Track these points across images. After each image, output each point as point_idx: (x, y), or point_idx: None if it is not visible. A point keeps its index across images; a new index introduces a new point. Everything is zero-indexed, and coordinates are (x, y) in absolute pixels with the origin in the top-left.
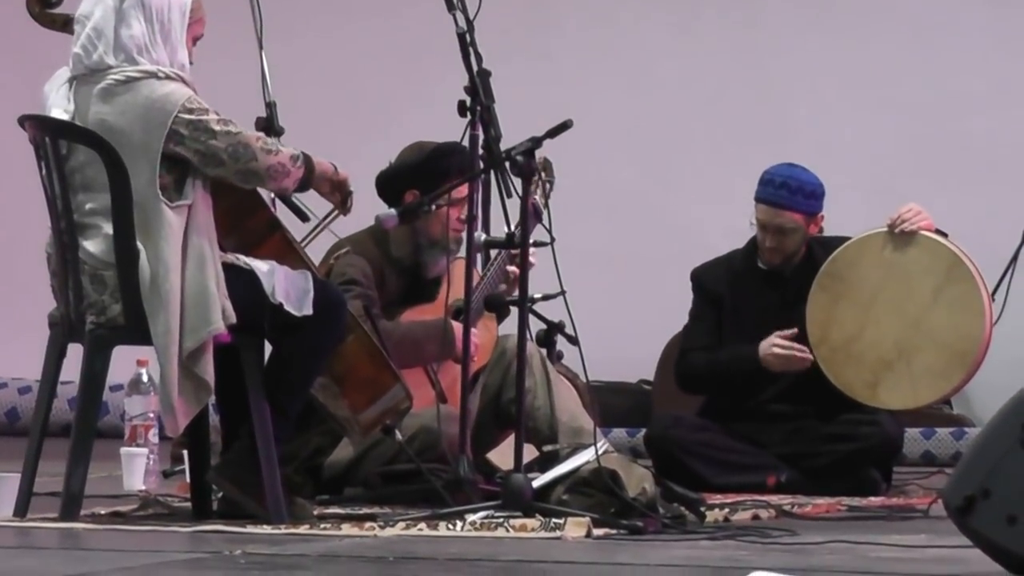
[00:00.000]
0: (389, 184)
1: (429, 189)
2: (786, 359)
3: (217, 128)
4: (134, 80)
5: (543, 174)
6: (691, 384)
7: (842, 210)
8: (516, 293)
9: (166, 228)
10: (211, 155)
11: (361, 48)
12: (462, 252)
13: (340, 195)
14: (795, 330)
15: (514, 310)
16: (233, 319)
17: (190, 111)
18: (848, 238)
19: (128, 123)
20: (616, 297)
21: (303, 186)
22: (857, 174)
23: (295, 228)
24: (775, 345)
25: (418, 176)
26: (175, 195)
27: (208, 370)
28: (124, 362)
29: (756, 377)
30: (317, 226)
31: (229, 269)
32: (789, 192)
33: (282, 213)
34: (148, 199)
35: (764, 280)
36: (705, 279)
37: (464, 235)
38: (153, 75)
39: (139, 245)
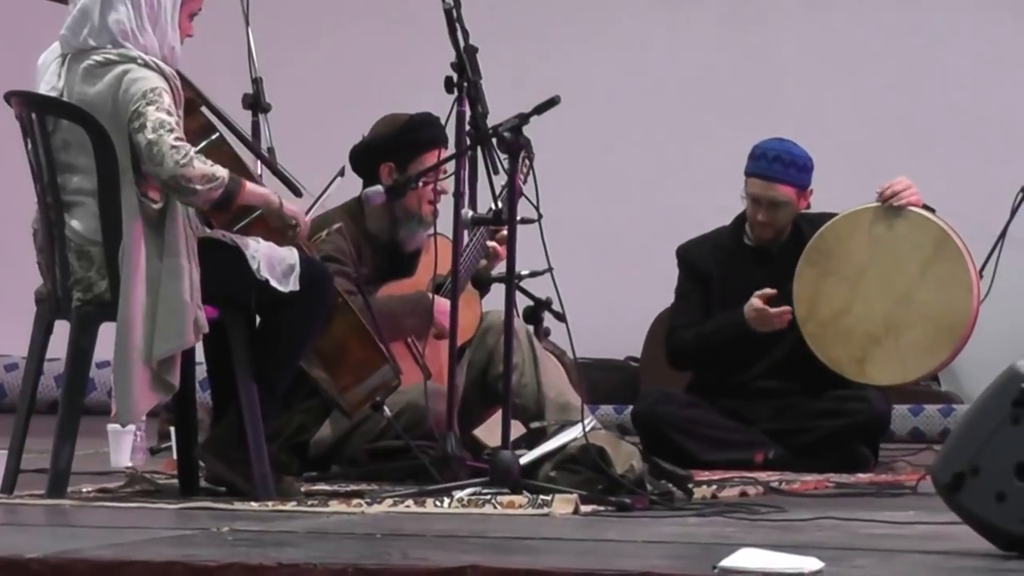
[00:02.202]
0: (363, 158)
1: (404, 162)
2: (764, 319)
3: (150, 124)
4: (113, 63)
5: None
6: (682, 360)
7: (829, 186)
8: (502, 269)
9: (136, 220)
10: (136, 147)
11: (348, 24)
12: (440, 228)
13: (280, 228)
14: (773, 291)
15: (499, 287)
16: (206, 329)
17: (149, 102)
18: (835, 214)
19: (101, 104)
20: (603, 274)
21: (223, 207)
22: (845, 150)
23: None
24: (753, 309)
25: (392, 149)
26: (149, 196)
27: (175, 376)
28: (111, 338)
29: (744, 344)
30: (315, 202)
31: (216, 246)
32: (782, 165)
33: (275, 189)
34: (124, 185)
35: (751, 256)
36: (691, 256)
37: (443, 209)
38: (133, 60)
39: None
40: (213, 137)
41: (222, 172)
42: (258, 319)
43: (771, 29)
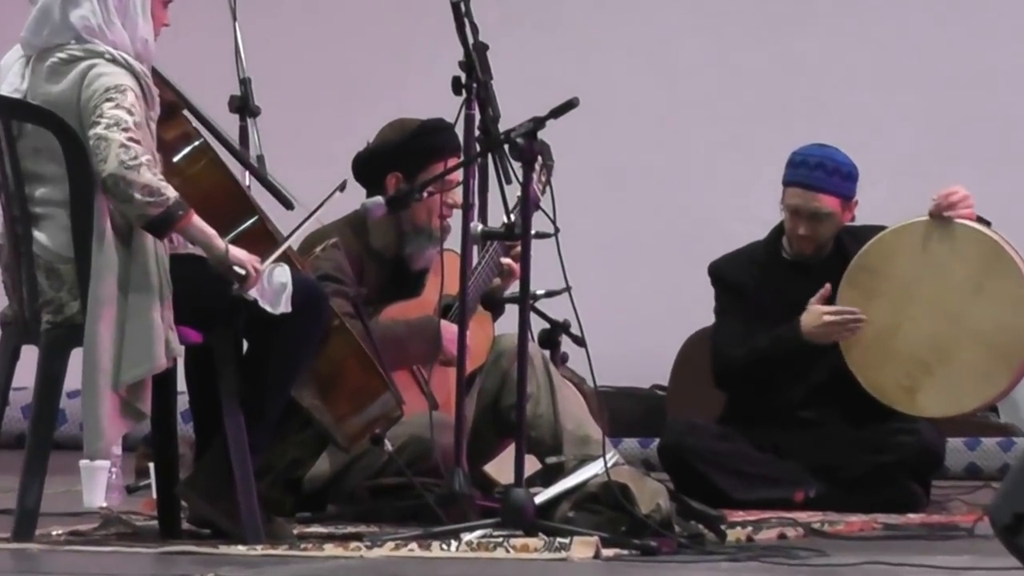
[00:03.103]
0: (368, 167)
1: (413, 172)
2: (840, 325)
3: (104, 120)
4: (77, 60)
5: (541, 157)
6: (732, 380)
7: (873, 196)
8: (515, 289)
9: (106, 233)
10: (87, 144)
11: (346, 19)
12: (449, 243)
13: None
14: (827, 287)
15: (513, 308)
16: (180, 352)
17: (109, 99)
18: (882, 227)
19: (66, 104)
20: (627, 293)
21: (156, 229)
22: (889, 157)
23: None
24: (825, 313)
25: (401, 157)
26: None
27: (147, 403)
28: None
29: (801, 358)
30: (308, 216)
31: (200, 263)
32: (825, 173)
33: (264, 202)
34: (97, 195)
35: (790, 272)
36: (725, 272)
37: (453, 223)
38: (100, 55)
39: None
40: (196, 144)
41: (170, 192)
42: (245, 343)
43: (807, 27)
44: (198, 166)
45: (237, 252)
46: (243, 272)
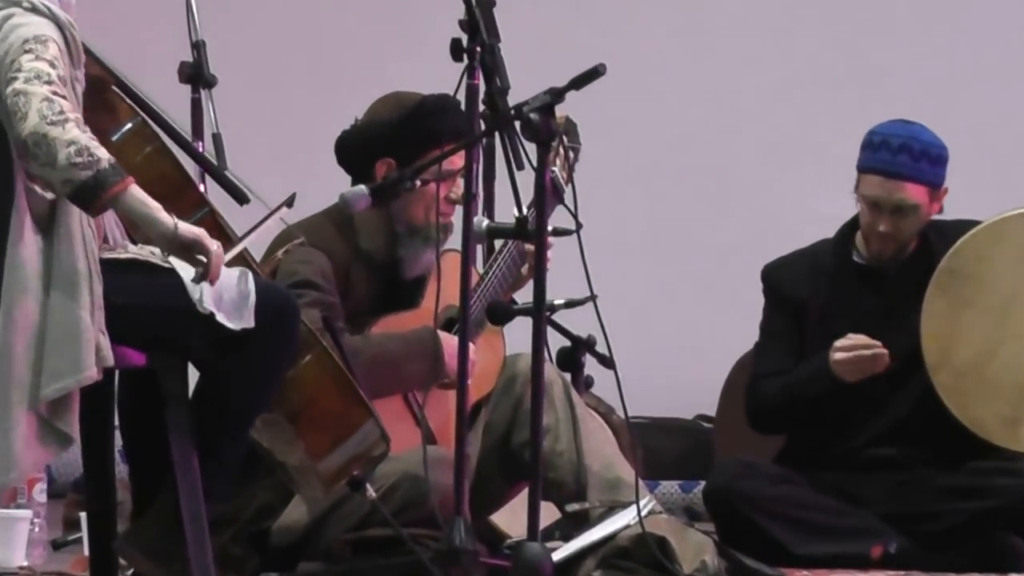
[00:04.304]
0: (355, 150)
1: (409, 158)
2: (854, 363)
3: (23, 74)
4: None
5: (565, 139)
6: (766, 421)
7: (963, 185)
8: (530, 298)
9: (24, 216)
10: (3, 104)
11: None
12: (453, 243)
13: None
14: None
15: (525, 321)
16: (110, 360)
17: (28, 51)
18: (975, 222)
19: None
20: (665, 304)
21: (85, 199)
22: (983, 137)
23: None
24: (838, 349)
25: (395, 140)
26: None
27: (73, 425)
28: None
29: (847, 398)
30: (245, 235)
31: (141, 268)
32: (910, 158)
33: (215, 195)
34: (18, 172)
35: (862, 280)
36: (780, 280)
37: (455, 221)
38: (16, 3)
39: None
40: (129, 125)
41: (102, 154)
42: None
43: None
44: (132, 151)
45: (189, 228)
46: (201, 257)
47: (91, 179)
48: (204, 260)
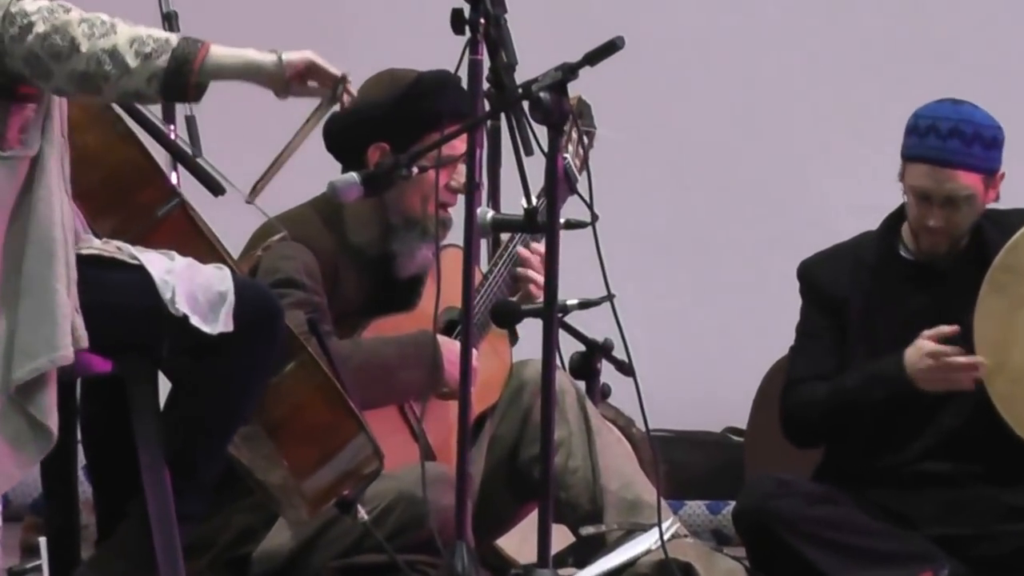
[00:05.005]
0: (345, 134)
1: (403, 143)
2: (944, 371)
3: (35, 16)
4: None
5: (578, 121)
6: (806, 432)
7: (1017, 172)
8: (539, 298)
9: None
10: (28, 54)
11: None
12: (454, 238)
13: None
14: (955, 328)
15: (535, 323)
16: (85, 342)
17: None
18: None
19: None
20: (689, 305)
21: (175, 87)
22: None
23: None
24: (927, 354)
25: (389, 123)
26: (6, 139)
27: (50, 412)
28: None
29: (899, 408)
30: (259, 184)
31: (107, 265)
32: (962, 142)
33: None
34: None
35: (909, 276)
36: (819, 277)
37: (455, 213)
38: None
39: None
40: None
41: (163, 33)
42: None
43: None
44: (95, 135)
45: (291, 55)
46: (314, 83)
47: (172, 61)
48: (319, 86)
